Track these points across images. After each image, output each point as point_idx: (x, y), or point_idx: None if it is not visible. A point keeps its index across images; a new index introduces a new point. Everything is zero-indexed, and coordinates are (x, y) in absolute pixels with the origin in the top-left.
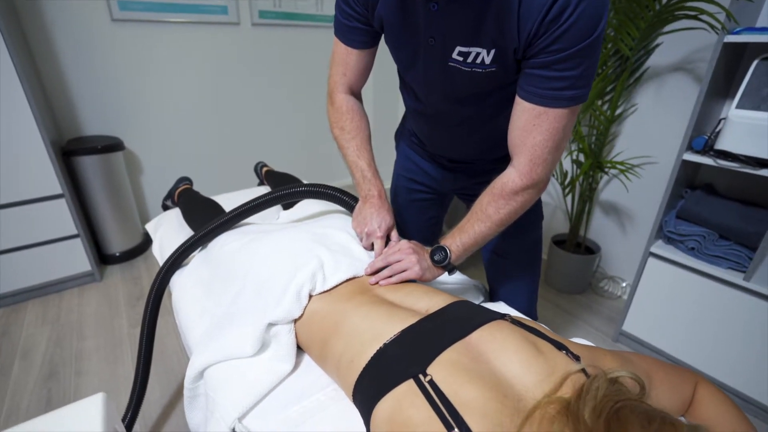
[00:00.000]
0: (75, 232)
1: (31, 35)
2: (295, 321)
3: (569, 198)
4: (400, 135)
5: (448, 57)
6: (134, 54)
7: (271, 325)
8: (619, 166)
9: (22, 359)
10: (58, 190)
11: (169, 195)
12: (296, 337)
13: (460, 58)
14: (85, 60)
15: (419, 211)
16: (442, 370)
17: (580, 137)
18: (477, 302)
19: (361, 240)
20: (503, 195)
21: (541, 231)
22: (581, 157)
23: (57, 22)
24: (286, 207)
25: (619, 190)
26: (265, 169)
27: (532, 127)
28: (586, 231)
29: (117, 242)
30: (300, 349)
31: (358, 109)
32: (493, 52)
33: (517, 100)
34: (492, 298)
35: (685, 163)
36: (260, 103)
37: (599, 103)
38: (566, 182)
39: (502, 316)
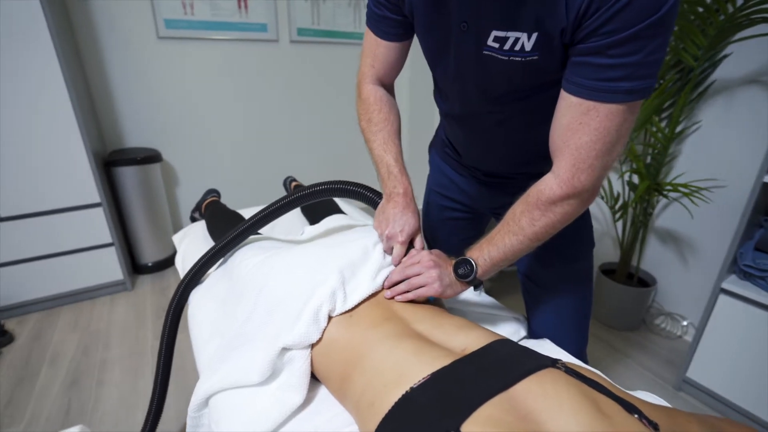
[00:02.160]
0: (110, 240)
1: (84, 52)
2: (312, 346)
3: (620, 223)
4: (433, 146)
5: (482, 44)
6: (177, 70)
7: (285, 350)
8: (682, 189)
9: (50, 365)
10: (97, 199)
11: (197, 207)
12: (312, 365)
13: (496, 45)
14: (131, 75)
15: (453, 232)
16: (480, 430)
17: (635, 156)
18: (517, 338)
19: (381, 241)
20: (538, 205)
21: (592, 260)
22: (635, 179)
23: (108, 39)
24: (312, 222)
25: (678, 216)
26: (293, 183)
27: (578, 125)
28: (640, 261)
29: (150, 252)
30: (316, 380)
31: (387, 100)
32: (534, 36)
33: (562, 94)
34: (532, 334)
35: (766, 187)
36: (295, 119)
37: (656, 119)
38: (617, 206)
39: (554, 363)
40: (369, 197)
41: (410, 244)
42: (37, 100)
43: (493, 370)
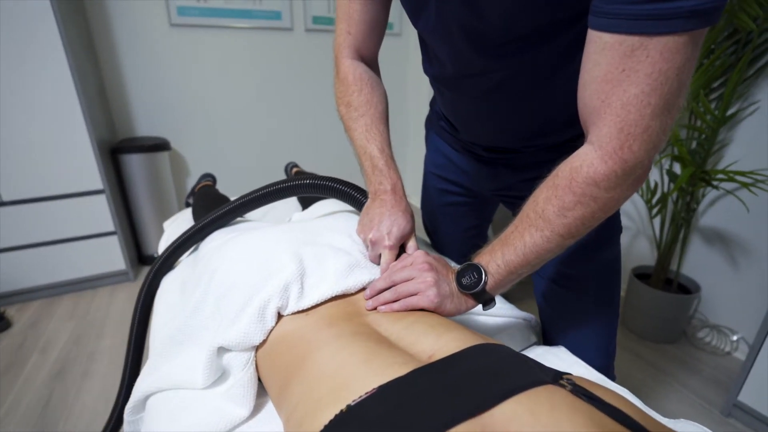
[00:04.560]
0: (113, 229)
1: (97, 40)
2: (257, 348)
3: (657, 220)
4: (429, 122)
5: None
6: (189, 58)
7: (223, 350)
8: (740, 179)
9: (41, 353)
10: (99, 186)
11: (191, 192)
12: (257, 370)
13: None
14: (142, 63)
15: (454, 219)
16: None
17: (676, 140)
18: (523, 346)
19: (366, 249)
20: (572, 187)
21: (620, 248)
22: (677, 168)
23: (121, 26)
24: (304, 208)
25: (728, 213)
26: (294, 169)
27: (620, 74)
28: (680, 264)
29: (156, 243)
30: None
31: (369, 79)
32: None
33: (591, 36)
34: (546, 340)
35: None
36: (309, 110)
37: (704, 98)
38: (654, 200)
39: (556, 378)
40: (356, 198)
41: (402, 250)
42: (41, 85)
43: (465, 384)
